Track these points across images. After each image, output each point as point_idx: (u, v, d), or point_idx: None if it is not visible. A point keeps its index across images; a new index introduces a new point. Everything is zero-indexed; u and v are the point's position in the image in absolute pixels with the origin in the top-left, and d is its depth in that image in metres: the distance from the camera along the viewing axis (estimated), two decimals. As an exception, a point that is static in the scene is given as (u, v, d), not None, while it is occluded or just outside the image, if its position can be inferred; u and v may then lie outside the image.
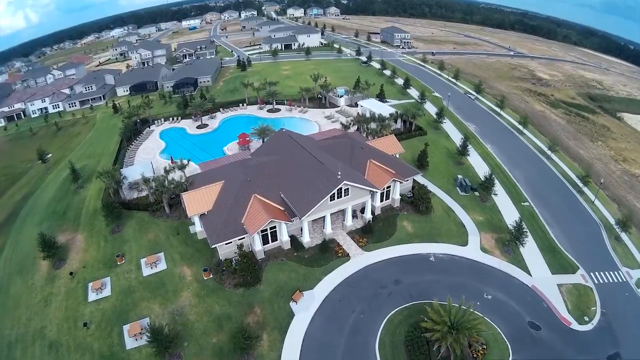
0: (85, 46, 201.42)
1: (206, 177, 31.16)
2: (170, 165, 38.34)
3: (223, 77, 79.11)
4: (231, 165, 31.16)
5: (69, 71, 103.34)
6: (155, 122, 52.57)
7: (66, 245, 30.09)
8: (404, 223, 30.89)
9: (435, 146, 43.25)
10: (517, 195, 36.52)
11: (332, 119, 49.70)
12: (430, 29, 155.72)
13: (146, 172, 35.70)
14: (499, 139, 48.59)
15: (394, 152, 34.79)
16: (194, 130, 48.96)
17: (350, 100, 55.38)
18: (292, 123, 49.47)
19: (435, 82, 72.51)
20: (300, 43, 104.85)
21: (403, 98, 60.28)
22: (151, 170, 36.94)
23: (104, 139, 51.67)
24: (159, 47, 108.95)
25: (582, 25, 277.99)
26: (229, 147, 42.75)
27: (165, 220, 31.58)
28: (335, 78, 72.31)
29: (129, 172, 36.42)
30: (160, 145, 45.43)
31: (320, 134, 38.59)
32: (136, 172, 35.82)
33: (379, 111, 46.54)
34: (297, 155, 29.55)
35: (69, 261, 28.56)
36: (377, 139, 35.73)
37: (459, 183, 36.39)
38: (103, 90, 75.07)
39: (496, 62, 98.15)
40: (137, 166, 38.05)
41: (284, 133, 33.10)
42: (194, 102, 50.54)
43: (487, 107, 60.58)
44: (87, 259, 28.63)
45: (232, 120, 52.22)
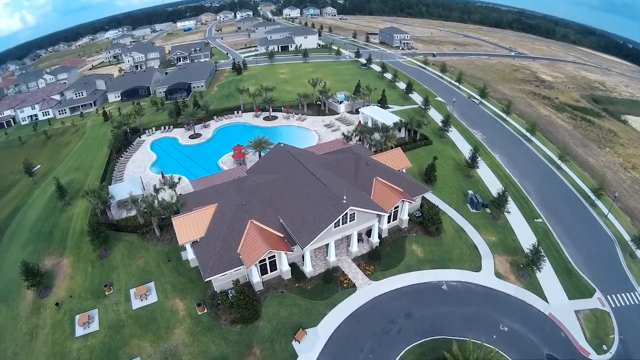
0: (79, 48, 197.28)
1: (198, 198, 28.69)
2: (161, 181, 35.87)
3: (217, 81, 76.22)
4: (225, 185, 28.66)
5: (61, 75, 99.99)
6: (147, 131, 49.82)
7: (52, 271, 28.22)
8: (414, 246, 28.64)
9: (441, 157, 40.98)
10: (529, 211, 34.47)
11: (332, 127, 47.22)
12: (429, 29, 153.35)
13: (135, 190, 33.27)
14: (507, 148, 46.42)
15: (400, 167, 32.47)
16: (186, 141, 46.31)
17: (350, 106, 52.93)
18: (289, 132, 46.99)
19: (438, 85, 70.21)
20: (297, 44, 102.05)
21: (405, 103, 57.91)
22: (140, 187, 34.45)
23: (93, 150, 49.07)
24: (152, 49, 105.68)
25: (580, 23, 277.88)
26: (223, 160, 40.18)
27: (155, 245, 29.27)
28: (334, 82, 69.80)
29: (117, 189, 33.94)
30: (151, 158, 42.77)
31: (321, 147, 36.17)
32: (124, 189, 33.38)
33: (381, 119, 44.17)
34: (297, 175, 27.07)
35: (55, 289, 26.67)
36: (383, 152, 33.31)
37: (469, 199, 34.20)
38: (94, 96, 72.07)
39: (498, 64, 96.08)
40: (125, 183, 35.46)
41: (282, 148, 30.56)
42: (186, 111, 47.75)
43: (492, 113, 58.41)
44: (73, 287, 26.67)
45: (227, 130, 49.56)
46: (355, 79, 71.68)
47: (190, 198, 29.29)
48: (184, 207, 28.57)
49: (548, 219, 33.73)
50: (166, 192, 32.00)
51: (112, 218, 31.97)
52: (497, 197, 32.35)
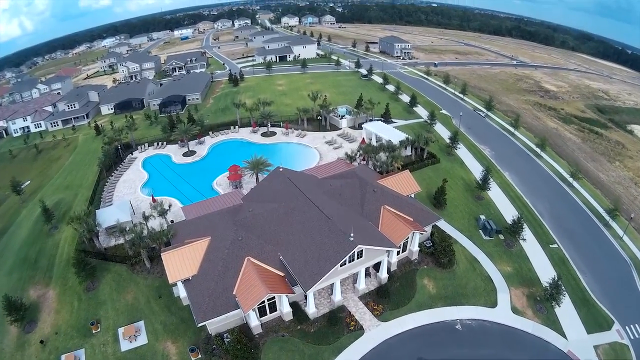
0: (76, 56, 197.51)
1: (190, 228, 26.76)
2: (152, 204, 34.10)
3: (213, 93, 74.91)
4: (219, 214, 26.69)
5: (55, 85, 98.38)
6: (139, 147, 48.09)
7: (37, 303, 26.65)
8: (425, 281, 26.69)
9: (450, 177, 39.30)
10: (544, 235, 32.73)
11: (334, 144, 45.65)
12: (429, 38, 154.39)
13: (124, 215, 31.34)
14: (516, 165, 44.81)
15: (409, 192, 30.80)
16: (180, 159, 44.49)
17: (353, 121, 51.47)
18: (289, 150, 45.37)
19: (441, 97, 69.18)
20: (295, 54, 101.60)
21: (410, 117, 56.51)
22: (129, 212, 32.56)
23: (84, 166, 47.28)
24: (147, 59, 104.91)
25: (578, 29, 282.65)
26: (218, 181, 38.33)
27: (145, 277, 27.35)
28: (334, 94, 68.72)
29: (105, 214, 32.02)
30: (143, 177, 40.92)
31: (322, 169, 34.47)
32: (113, 215, 31.48)
33: (386, 136, 42.69)
34: (299, 205, 25.25)
35: (41, 324, 25.13)
36: (390, 176, 31.59)
37: (481, 225, 32.40)
38: (86, 108, 70.41)
39: (500, 73, 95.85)
40: (114, 208, 33.51)
41: (281, 173, 28.80)
42: (179, 128, 45.91)
43: (499, 126, 57.17)
44: (59, 323, 25.06)
45: (223, 147, 47.74)
46: (356, 90, 70.67)
47: (181, 228, 27.36)
48: (175, 237, 26.62)
49: (563, 243, 32.14)
50: (156, 219, 30.14)
51: (100, 246, 30.06)
52: (512, 224, 30.68)
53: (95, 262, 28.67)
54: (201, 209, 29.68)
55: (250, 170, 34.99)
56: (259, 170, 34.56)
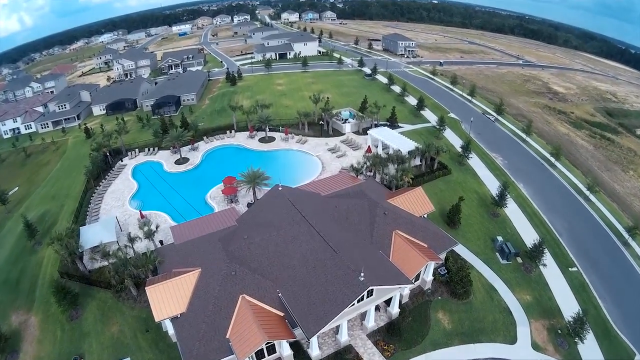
0: (73, 52, 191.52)
1: (179, 254, 23.57)
2: (139, 220, 30.88)
3: (210, 93, 70.89)
4: (210, 241, 23.39)
5: (48, 83, 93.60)
6: (129, 153, 44.52)
7: (19, 332, 24.39)
8: (439, 314, 23.66)
9: (463, 190, 36.18)
10: (563, 257, 29.80)
11: (337, 152, 42.16)
12: (432, 35, 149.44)
13: (108, 235, 28.19)
14: (531, 176, 41.49)
15: (422, 212, 27.57)
16: (171, 167, 41.00)
17: (357, 126, 47.86)
18: (289, 158, 41.87)
19: (448, 99, 65.38)
20: (296, 52, 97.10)
21: (417, 121, 52.91)
22: (115, 231, 29.32)
23: (72, 173, 43.90)
24: (143, 56, 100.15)
25: (579, 28, 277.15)
26: (212, 194, 34.96)
27: (132, 307, 24.56)
28: (336, 95, 64.89)
29: (89, 233, 28.84)
30: (132, 188, 37.53)
31: (326, 184, 31.07)
32: (97, 234, 28.38)
33: (394, 144, 39.21)
34: (301, 234, 21.96)
35: (22, 355, 23.02)
36: (401, 194, 28.27)
37: (498, 247, 29.29)
38: (78, 109, 66.45)
39: (508, 73, 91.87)
40: (98, 226, 30.10)
41: (281, 193, 25.42)
42: (170, 134, 42.30)
43: (509, 131, 53.61)
44: (41, 355, 22.88)
45: (217, 153, 44.08)
46: (360, 91, 66.82)
47: (168, 253, 24.16)
48: (162, 265, 23.48)
49: (582, 266, 29.32)
50: (142, 241, 26.91)
51: (84, 269, 27.11)
52: (532, 249, 27.67)
53: (79, 286, 26.05)
54: (191, 230, 26.41)
55: (246, 184, 31.52)
56: (256, 184, 31.11)
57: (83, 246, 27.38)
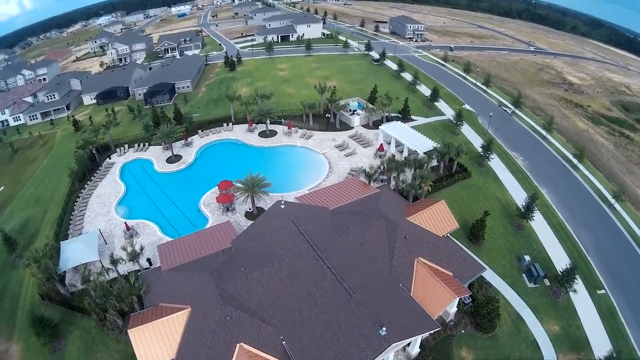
0: (70, 35, 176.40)
1: (167, 285, 18.60)
2: (125, 233, 25.65)
3: (207, 79, 62.81)
4: (201, 274, 18.02)
5: (40, 70, 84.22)
6: (118, 149, 38.17)
7: None
8: (463, 352, 19.16)
9: (484, 197, 30.59)
10: (591, 278, 25.04)
11: (346, 149, 35.76)
12: (440, 18, 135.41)
13: (90, 254, 23.37)
14: (554, 180, 35.34)
15: (445, 230, 21.98)
16: (162, 165, 35.02)
17: (367, 119, 40.98)
18: (292, 156, 35.73)
19: (462, 88, 57.45)
20: (299, 34, 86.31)
21: (430, 114, 45.80)
22: (98, 246, 24.38)
23: (58, 172, 38.07)
24: (138, 40, 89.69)
25: (585, 14, 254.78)
26: (206, 200, 29.29)
27: (117, 339, 20.26)
28: (343, 82, 56.90)
29: (70, 250, 23.96)
30: (119, 191, 31.88)
31: (335, 193, 25.12)
32: (78, 251, 23.59)
33: (409, 143, 32.84)
34: (308, 266, 16.65)
35: None
36: (422, 210, 22.62)
37: (525, 267, 24.39)
38: (67, 98, 59.04)
39: (520, 61, 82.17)
40: (79, 242, 24.85)
41: (284, 212, 19.65)
42: (161, 129, 35.72)
43: (527, 126, 46.55)
44: None
45: (213, 150, 37.79)
46: (368, 78, 58.70)
47: (156, 282, 19.20)
48: (148, 295, 18.72)
49: (610, 287, 24.77)
50: (126, 263, 21.76)
51: (66, 291, 22.61)
52: (563, 274, 22.86)
53: (61, 311, 21.99)
54: (181, 251, 21.15)
55: (244, 192, 25.47)
56: (254, 194, 25.10)
57: (62, 267, 22.82)
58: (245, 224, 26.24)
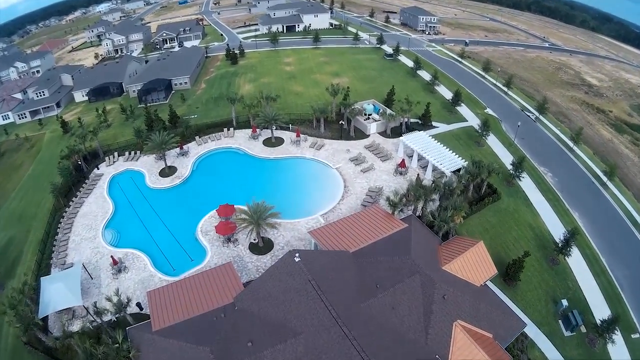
0: (69, 23, 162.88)
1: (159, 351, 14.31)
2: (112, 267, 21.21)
3: (207, 74, 55.85)
4: (198, 348, 13.20)
5: (34, 62, 75.06)
6: (107, 157, 32.60)
7: None
8: None
9: (516, 224, 25.90)
10: (626, 321, 20.91)
11: (362, 163, 30.26)
12: (450, 9, 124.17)
13: (72, 297, 18.84)
14: (584, 202, 29.99)
15: (483, 278, 17.40)
16: (155, 179, 29.61)
17: (384, 125, 35.00)
18: (301, 170, 30.30)
19: (481, 88, 50.83)
20: (306, 24, 77.48)
21: (452, 120, 39.77)
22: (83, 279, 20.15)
23: (43, 183, 32.30)
24: (136, 30, 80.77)
25: (593, 7, 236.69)
26: (203, 226, 24.28)
27: None
28: (355, 80, 50.22)
29: (51, 291, 19.50)
30: (107, 209, 26.89)
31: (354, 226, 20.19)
32: (60, 293, 19.17)
33: (434, 159, 27.58)
34: (332, 346, 12.19)
35: None
36: (459, 257, 17.82)
37: (560, 312, 20.21)
38: (57, 95, 52.22)
39: (537, 58, 74.29)
40: (60, 282, 19.97)
41: (298, 266, 14.84)
42: (153, 139, 29.82)
43: (552, 134, 40.36)
44: None
45: (212, 161, 32.07)
46: (381, 75, 51.80)
47: (146, 345, 14.76)
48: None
49: None
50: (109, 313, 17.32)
51: (49, 340, 18.20)
52: (602, 324, 18.65)
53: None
54: (174, 301, 16.80)
55: (247, 224, 20.23)
56: (259, 227, 19.93)
57: (42, 313, 18.64)
58: (250, 259, 21.57)
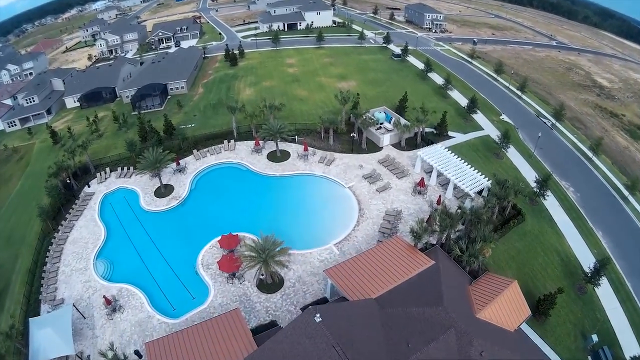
0: (65, 22, 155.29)
1: None
2: (106, 307, 18.96)
3: (205, 76, 51.93)
4: None
5: (27, 64, 69.47)
6: (98, 173, 29.46)
7: None
8: None
9: (542, 248, 23.29)
10: None
11: (377, 181, 27.18)
12: (454, 6, 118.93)
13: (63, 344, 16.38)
14: (607, 220, 26.98)
15: (517, 321, 15.33)
16: (149, 200, 26.43)
17: (398, 137, 31.62)
18: (310, 189, 27.15)
19: (493, 92, 47.25)
20: (308, 22, 73.12)
21: (468, 129, 36.41)
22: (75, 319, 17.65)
23: (32, 200, 28.94)
24: (131, 29, 75.79)
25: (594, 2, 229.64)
26: (204, 258, 21.31)
27: None
28: (362, 83, 46.82)
29: (40, 336, 16.99)
30: (99, 235, 23.93)
31: (374, 262, 17.38)
32: (49, 339, 16.73)
33: (455, 178, 24.77)
34: None
35: None
36: (493, 298, 15.26)
37: (590, 348, 17.82)
38: (48, 101, 48.08)
39: (546, 58, 70.66)
40: (49, 327, 17.28)
41: (319, 328, 12.19)
42: (146, 157, 26.28)
43: (570, 143, 37.00)
44: None
45: (211, 178, 28.62)
46: (390, 78, 48.13)
47: None
48: None
49: None
50: None
51: None
52: None
53: None
54: (175, 354, 13.94)
55: (254, 262, 17.32)
56: (268, 267, 17.01)
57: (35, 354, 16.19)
58: (258, 299, 18.85)
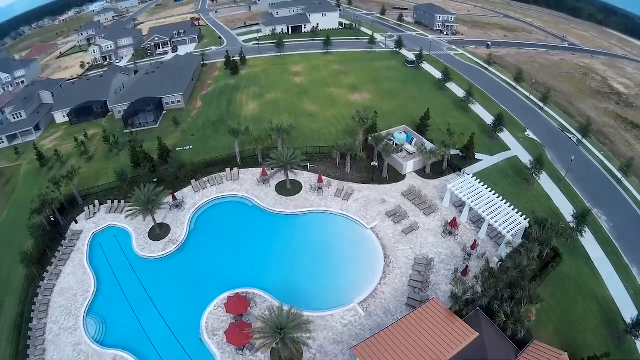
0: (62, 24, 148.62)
1: None
2: None
3: (203, 87, 47.26)
4: None
5: (18, 72, 63.44)
6: (87, 207, 25.83)
7: None
8: None
9: (581, 294, 20.06)
10: None
11: (402, 219, 23.35)
12: (462, 5, 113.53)
13: None
14: None
15: None
16: (143, 243, 22.72)
17: (422, 162, 27.52)
18: (327, 231, 22.99)
19: (513, 102, 42.63)
20: (313, 25, 68.19)
21: (495, 149, 32.30)
22: None
23: (17, 236, 25.23)
24: (125, 34, 70.75)
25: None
26: (208, 321, 17.72)
27: None
28: (376, 96, 42.37)
29: None
30: (88, 286, 20.39)
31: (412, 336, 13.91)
32: None
33: (491, 217, 21.13)
34: None
35: None
36: None
37: None
38: (36, 117, 43.35)
39: (562, 62, 66.35)
40: None
41: None
42: (135, 196, 22.34)
43: (598, 162, 33.01)
44: None
45: (213, 216, 24.62)
46: (406, 89, 43.42)
47: None
48: None
49: None
50: None
51: None
52: None
53: None
54: None
55: (270, 339, 13.95)
56: (285, 344, 13.61)
57: None
58: (271, 381, 15.57)
